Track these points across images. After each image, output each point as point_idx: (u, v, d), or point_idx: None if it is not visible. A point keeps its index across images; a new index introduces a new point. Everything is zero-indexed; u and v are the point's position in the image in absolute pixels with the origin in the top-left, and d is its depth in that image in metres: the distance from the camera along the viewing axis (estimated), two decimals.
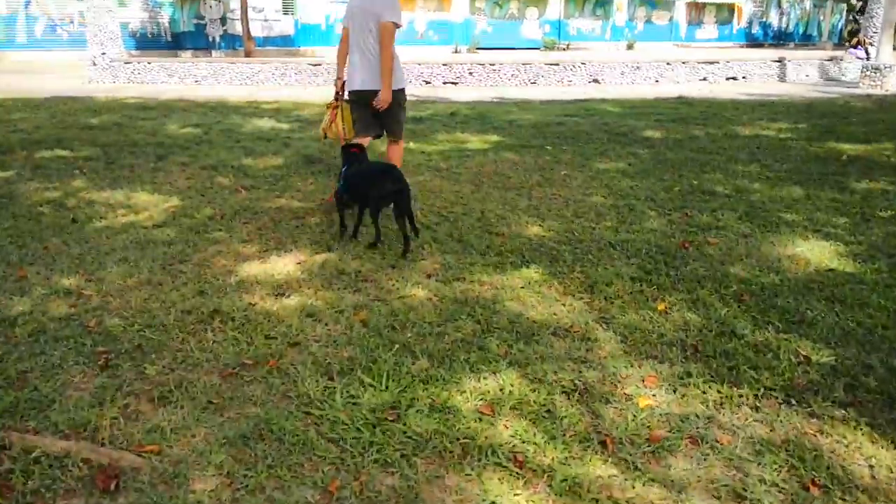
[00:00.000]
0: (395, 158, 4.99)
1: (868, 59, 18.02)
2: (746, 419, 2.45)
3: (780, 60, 17.01)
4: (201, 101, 11.79)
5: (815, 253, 4.13)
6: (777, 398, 2.58)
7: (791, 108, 10.75)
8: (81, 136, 7.80)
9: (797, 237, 4.41)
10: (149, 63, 16.15)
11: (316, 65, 16.07)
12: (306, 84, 15.83)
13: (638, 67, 16.27)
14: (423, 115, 9.83)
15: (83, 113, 9.77)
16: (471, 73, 15.77)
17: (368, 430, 2.35)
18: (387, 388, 2.61)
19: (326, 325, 3.18)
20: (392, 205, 4.08)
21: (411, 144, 7.56)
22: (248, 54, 22.65)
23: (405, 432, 2.34)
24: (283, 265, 3.92)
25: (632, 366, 2.81)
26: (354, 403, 2.52)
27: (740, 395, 2.59)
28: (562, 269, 3.87)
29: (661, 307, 3.37)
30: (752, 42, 40.22)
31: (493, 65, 15.78)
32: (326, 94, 6.48)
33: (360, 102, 4.81)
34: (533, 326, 3.16)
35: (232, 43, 27.80)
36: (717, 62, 16.77)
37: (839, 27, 44.88)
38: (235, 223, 4.72)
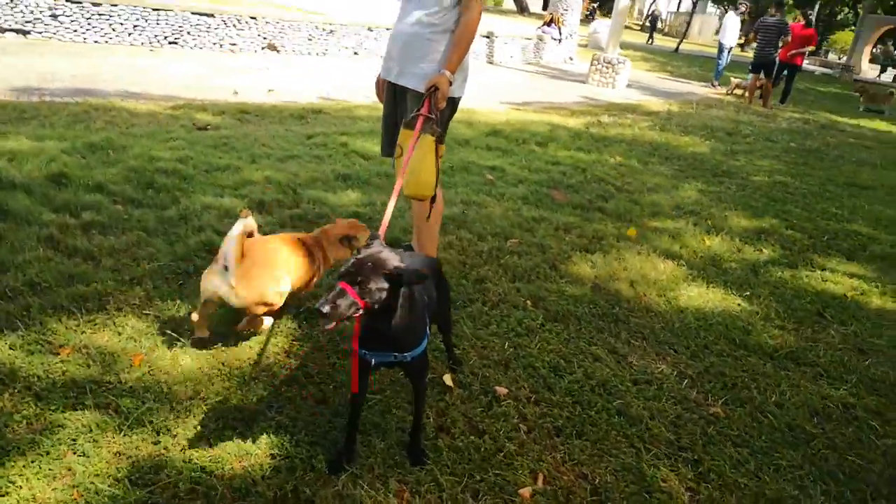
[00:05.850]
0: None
1: (561, 39, 16.40)
2: None
3: (489, 36, 14.05)
4: None
5: None
6: None
7: (582, 136, 7.49)
8: None
9: None
10: None
11: None
12: None
13: (332, 31, 11.50)
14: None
15: None
16: (56, 17, 8.92)
17: None
18: None
19: None
20: None
21: None
22: None
23: None
24: None
25: None
26: None
27: None
28: None
29: None
30: None
31: (100, 5, 9.18)
32: None
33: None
34: None
35: None
36: None
37: None
38: None
